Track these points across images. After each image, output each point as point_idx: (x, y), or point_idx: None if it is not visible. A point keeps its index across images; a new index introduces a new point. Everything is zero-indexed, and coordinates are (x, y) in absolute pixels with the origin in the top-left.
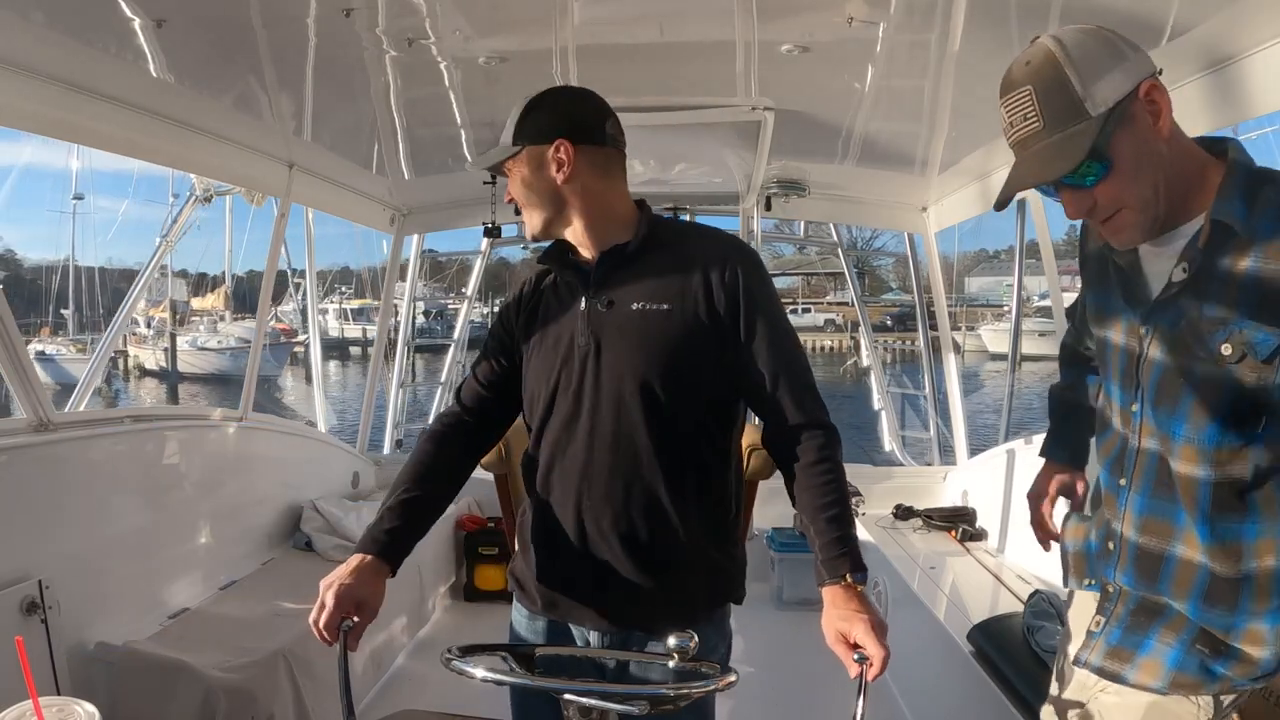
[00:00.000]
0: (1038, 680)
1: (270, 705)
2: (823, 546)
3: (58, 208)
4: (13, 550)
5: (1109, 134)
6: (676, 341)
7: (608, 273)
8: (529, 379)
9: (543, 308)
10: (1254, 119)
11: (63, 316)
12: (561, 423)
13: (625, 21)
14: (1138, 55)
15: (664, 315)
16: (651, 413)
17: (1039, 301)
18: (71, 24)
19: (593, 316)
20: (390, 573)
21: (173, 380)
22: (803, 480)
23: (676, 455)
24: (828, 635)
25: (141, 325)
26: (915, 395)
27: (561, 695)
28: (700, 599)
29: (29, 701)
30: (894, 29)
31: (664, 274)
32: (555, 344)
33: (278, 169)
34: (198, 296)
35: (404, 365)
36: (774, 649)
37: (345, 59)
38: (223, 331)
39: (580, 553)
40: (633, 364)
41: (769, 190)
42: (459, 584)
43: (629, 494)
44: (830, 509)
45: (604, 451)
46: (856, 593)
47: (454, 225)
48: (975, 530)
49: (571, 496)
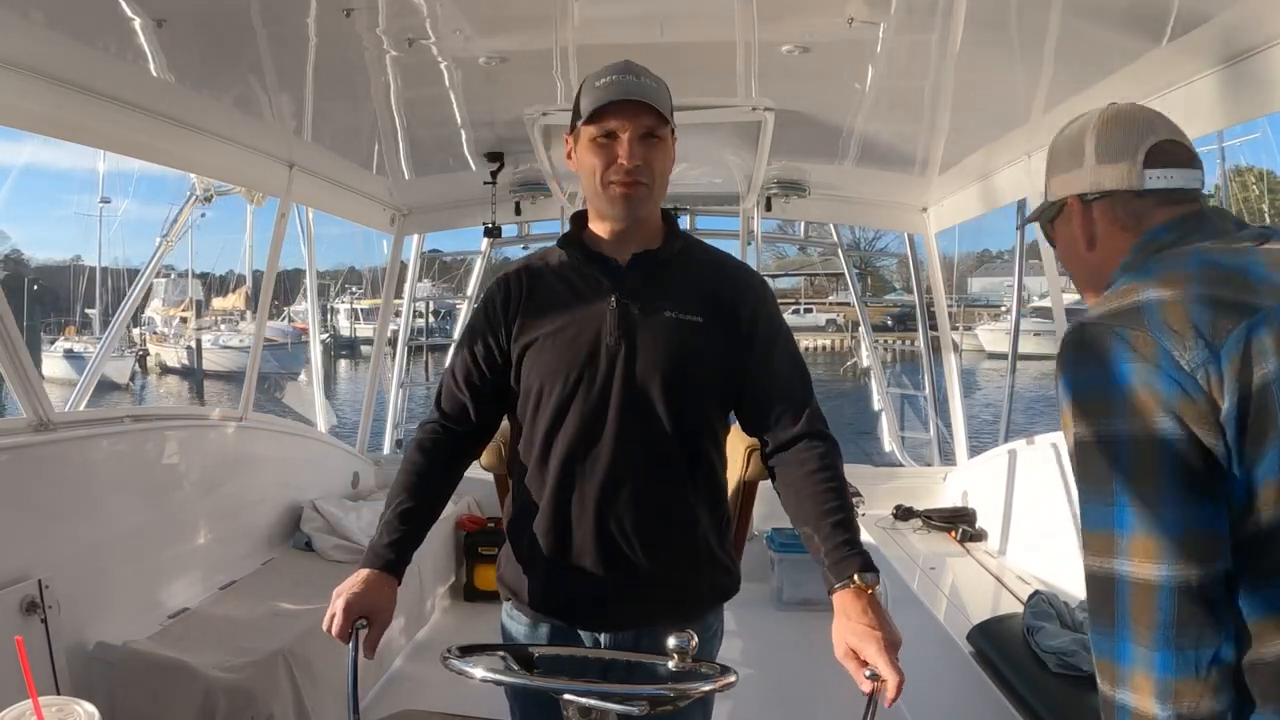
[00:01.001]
0: (1037, 681)
1: (270, 705)
2: (830, 551)
3: (84, 210)
4: (12, 550)
5: (1049, 218)
6: (704, 352)
7: (640, 275)
8: (537, 371)
9: (553, 299)
10: (1262, 117)
11: (88, 316)
12: (582, 419)
13: (625, 21)
14: (1096, 169)
15: (696, 326)
16: (675, 414)
17: (1036, 301)
18: (72, 24)
19: (624, 315)
20: (397, 582)
21: (198, 377)
22: (805, 489)
23: (693, 456)
24: (837, 649)
25: (159, 324)
26: (915, 395)
27: (561, 695)
28: (706, 596)
29: (29, 701)
30: (894, 29)
31: (695, 287)
32: (576, 338)
33: (278, 169)
34: (218, 296)
35: (404, 365)
36: (774, 649)
37: (345, 59)
38: (244, 330)
39: (596, 555)
40: (664, 367)
41: (769, 190)
42: (459, 584)
43: (654, 493)
44: (836, 514)
45: (632, 450)
46: (869, 599)
47: (454, 225)
48: (975, 531)
49: (593, 496)
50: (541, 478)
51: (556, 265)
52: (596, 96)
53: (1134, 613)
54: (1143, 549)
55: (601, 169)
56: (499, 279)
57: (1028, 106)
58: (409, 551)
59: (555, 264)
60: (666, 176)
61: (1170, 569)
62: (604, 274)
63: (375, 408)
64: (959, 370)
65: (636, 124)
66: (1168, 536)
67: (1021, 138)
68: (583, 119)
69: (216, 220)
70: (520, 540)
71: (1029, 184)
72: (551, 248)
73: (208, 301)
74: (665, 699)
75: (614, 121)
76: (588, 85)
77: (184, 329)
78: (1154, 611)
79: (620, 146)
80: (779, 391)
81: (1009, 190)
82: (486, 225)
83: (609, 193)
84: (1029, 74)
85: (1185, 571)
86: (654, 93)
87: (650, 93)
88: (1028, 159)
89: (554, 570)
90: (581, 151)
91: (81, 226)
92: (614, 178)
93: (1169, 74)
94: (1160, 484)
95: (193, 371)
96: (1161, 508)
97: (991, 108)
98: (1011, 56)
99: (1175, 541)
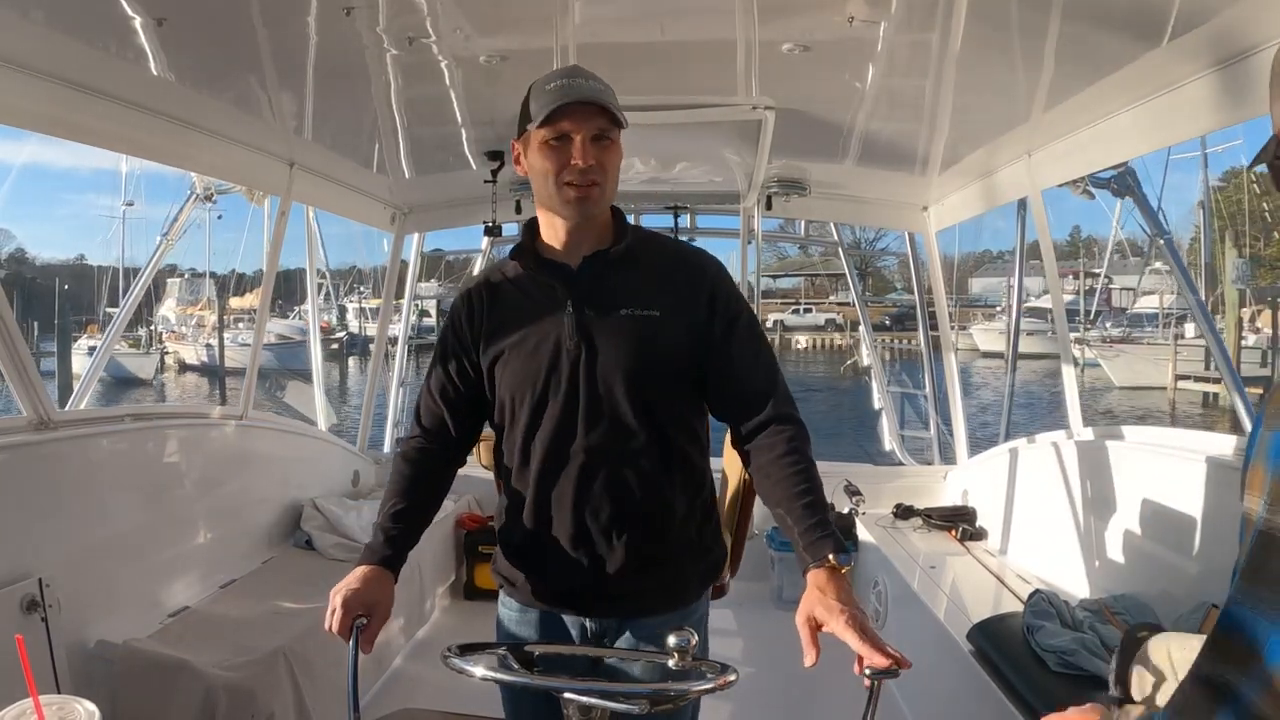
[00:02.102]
0: (1037, 680)
1: (270, 703)
2: (803, 533)
3: (107, 211)
4: (13, 548)
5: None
6: (665, 345)
7: (593, 277)
8: (506, 383)
9: (512, 311)
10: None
11: (109, 314)
12: (555, 423)
13: (626, 20)
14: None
15: (654, 321)
16: (643, 410)
17: (1033, 301)
18: (72, 23)
19: (580, 320)
20: (394, 578)
21: (219, 374)
22: (775, 472)
23: (666, 448)
24: (799, 615)
25: (173, 322)
26: (915, 394)
27: (561, 694)
28: (692, 581)
29: (29, 700)
30: (895, 28)
31: (648, 281)
32: (538, 347)
33: (279, 167)
34: (236, 296)
35: (405, 364)
36: (774, 648)
37: (346, 58)
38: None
39: (577, 546)
40: (626, 366)
41: (770, 189)
42: (459, 583)
43: (627, 487)
44: (805, 496)
45: (602, 449)
46: (840, 579)
47: (455, 224)
48: (975, 530)
49: (569, 493)
50: (524, 478)
51: (513, 276)
52: (548, 99)
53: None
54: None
55: (555, 171)
56: (461, 294)
57: (1028, 105)
58: (405, 549)
59: (512, 275)
60: (617, 177)
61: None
62: (558, 280)
63: (376, 406)
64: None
65: (589, 125)
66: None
67: (1022, 136)
68: (534, 123)
69: (234, 220)
70: (509, 536)
71: (1029, 182)
72: (505, 259)
73: (225, 300)
74: (665, 698)
75: (567, 123)
76: (537, 89)
77: (200, 328)
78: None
79: (574, 148)
80: (744, 376)
81: (1010, 188)
82: (487, 224)
83: (563, 194)
84: (1029, 73)
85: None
86: (605, 95)
87: (601, 95)
88: (1028, 157)
89: (540, 563)
90: (533, 155)
91: (105, 227)
92: (569, 179)
93: (1169, 74)
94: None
95: (211, 369)
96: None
97: (992, 106)
98: (1012, 55)
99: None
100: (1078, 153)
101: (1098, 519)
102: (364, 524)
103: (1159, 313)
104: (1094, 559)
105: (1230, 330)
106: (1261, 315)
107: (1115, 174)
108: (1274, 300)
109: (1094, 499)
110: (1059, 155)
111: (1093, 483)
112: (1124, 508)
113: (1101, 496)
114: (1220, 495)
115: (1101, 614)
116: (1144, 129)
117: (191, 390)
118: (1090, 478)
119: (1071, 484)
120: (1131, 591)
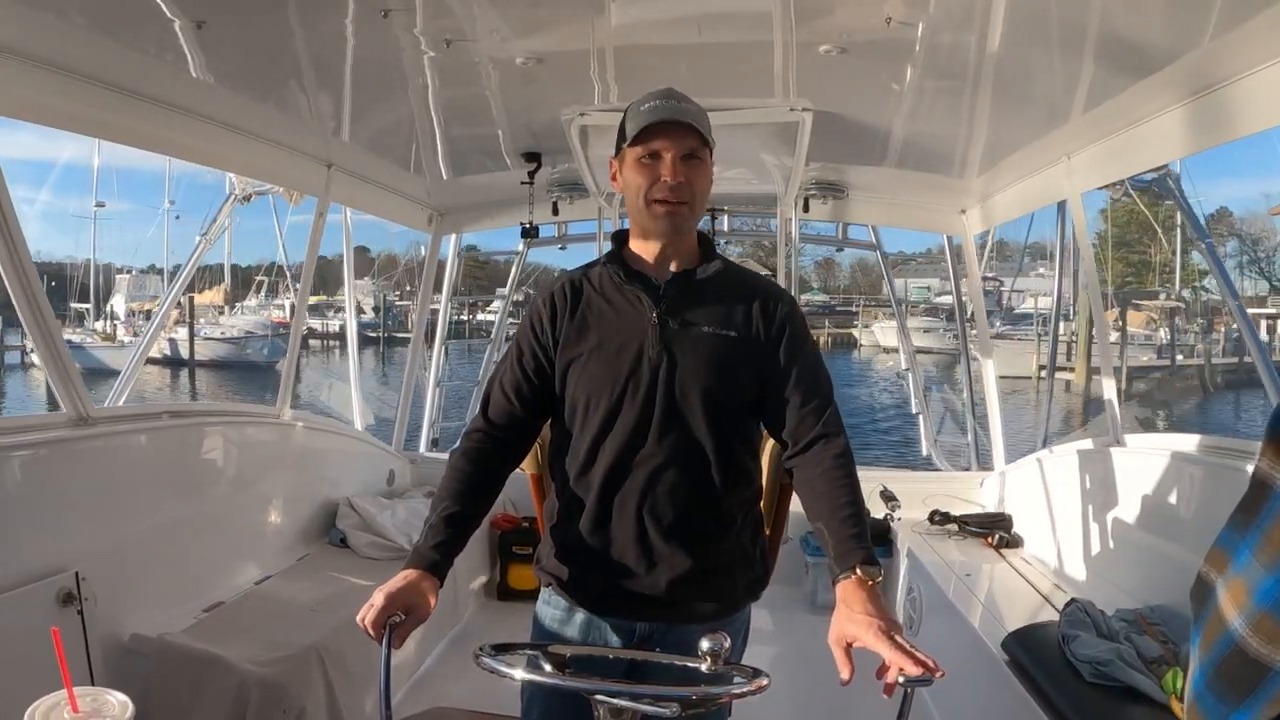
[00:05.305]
0: (1072, 690)
1: (302, 699)
2: (836, 544)
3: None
4: (50, 542)
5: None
6: (739, 363)
7: (678, 293)
8: (582, 385)
9: (595, 316)
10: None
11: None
12: (628, 429)
13: (663, 23)
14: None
15: (731, 340)
16: (713, 421)
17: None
18: (112, 25)
19: (665, 331)
20: (439, 583)
21: (189, 367)
22: (820, 486)
23: (728, 461)
24: (830, 635)
25: (121, 317)
26: (908, 402)
27: (593, 696)
28: (741, 591)
29: (63, 690)
30: (933, 29)
31: (727, 304)
32: (619, 352)
33: (317, 169)
34: (197, 292)
35: (440, 364)
36: (807, 652)
37: (383, 60)
38: (224, 323)
39: (636, 551)
40: (702, 379)
41: (807, 191)
42: (492, 583)
43: (692, 494)
44: (846, 509)
45: (671, 457)
46: (870, 590)
47: (491, 225)
48: (1011, 537)
49: (634, 498)
50: (587, 480)
51: (598, 282)
52: (642, 119)
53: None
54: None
55: (646, 187)
56: (545, 294)
57: (1068, 107)
58: (453, 554)
59: (597, 281)
60: (706, 196)
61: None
62: (644, 291)
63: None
64: (995, 376)
65: (680, 144)
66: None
67: (1061, 138)
68: (628, 141)
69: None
70: (564, 536)
71: (1069, 185)
72: (593, 264)
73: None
74: (698, 702)
75: (659, 142)
76: (632, 110)
77: (148, 323)
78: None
79: (664, 166)
80: (803, 398)
81: (1049, 191)
82: (524, 225)
83: (652, 210)
84: (1068, 73)
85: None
86: (696, 116)
87: (693, 116)
88: (1068, 159)
89: (595, 564)
90: (627, 172)
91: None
92: (658, 195)
93: (1214, 71)
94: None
95: (174, 361)
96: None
97: (1030, 107)
98: (1050, 55)
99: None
100: (1118, 155)
101: (1135, 528)
102: (398, 523)
103: (1034, 313)
104: (1131, 568)
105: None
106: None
107: (1156, 176)
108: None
109: (1132, 507)
110: (1099, 158)
111: (1131, 491)
112: (1162, 517)
113: (1140, 505)
114: None
115: (1138, 624)
116: (1187, 130)
117: (156, 383)
118: (1129, 486)
119: (1109, 492)
120: (1169, 602)
